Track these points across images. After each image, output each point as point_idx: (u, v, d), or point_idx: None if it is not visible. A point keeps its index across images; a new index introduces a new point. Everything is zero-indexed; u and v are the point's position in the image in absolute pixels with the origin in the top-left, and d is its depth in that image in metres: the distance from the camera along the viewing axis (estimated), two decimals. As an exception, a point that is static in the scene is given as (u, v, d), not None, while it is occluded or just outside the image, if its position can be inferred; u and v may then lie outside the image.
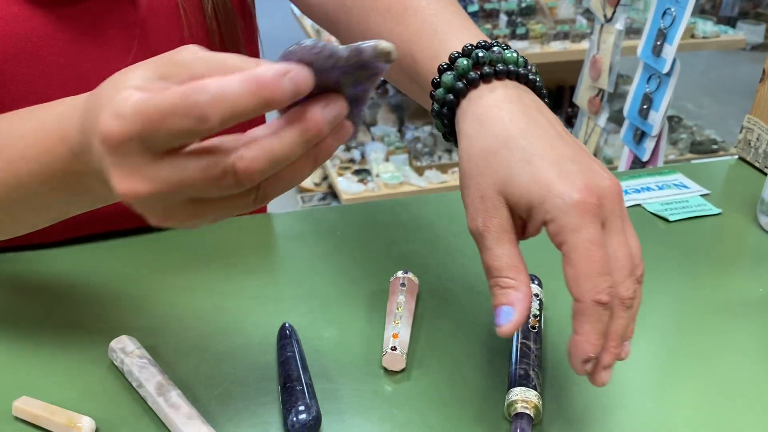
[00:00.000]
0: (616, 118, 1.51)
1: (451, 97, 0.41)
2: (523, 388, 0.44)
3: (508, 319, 0.36)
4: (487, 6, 2.20)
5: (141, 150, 0.30)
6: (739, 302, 0.56)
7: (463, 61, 0.40)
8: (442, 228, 0.66)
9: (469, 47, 0.40)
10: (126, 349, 0.47)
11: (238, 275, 0.58)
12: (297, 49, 0.31)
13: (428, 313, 0.54)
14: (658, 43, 0.87)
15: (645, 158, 0.92)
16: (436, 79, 0.41)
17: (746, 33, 2.99)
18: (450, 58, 0.41)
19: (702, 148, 2.46)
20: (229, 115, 0.29)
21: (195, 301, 0.54)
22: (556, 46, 2.19)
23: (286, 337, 0.49)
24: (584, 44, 2.15)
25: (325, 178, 2.75)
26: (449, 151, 2.40)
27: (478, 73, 0.40)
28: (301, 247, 0.62)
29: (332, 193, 2.70)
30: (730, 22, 3.64)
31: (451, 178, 2.31)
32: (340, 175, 2.33)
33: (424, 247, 0.62)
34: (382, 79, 0.34)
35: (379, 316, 0.53)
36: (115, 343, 0.47)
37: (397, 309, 0.51)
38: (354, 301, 0.55)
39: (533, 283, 0.54)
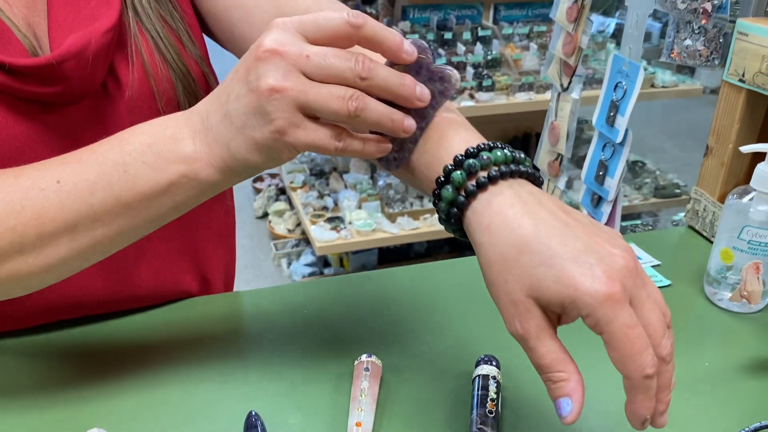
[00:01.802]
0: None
1: (455, 210, 0.43)
2: (479, 476, 0.46)
3: (569, 410, 0.40)
4: (454, 59, 2.26)
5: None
6: (686, 377, 0.59)
7: (457, 175, 0.43)
8: (406, 303, 0.68)
9: (461, 158, 0.43)
10: (95, 445, 0.48)
11: (206, 358, 0.60)
12: (414, 41, 0.45)
13: (392, 396, 0.56)
14: (611, 114, 0.92)
15: (603, 222, 0.96)
16: (437, 191, 0.44)
17: (705, 78, 3.11)
18: (445, 172, 0.44)
19: (666, 192, 2.54)
20: (333, 57, 0.42)
21: (164, 388, 0.56)
22: (522, 97, 2.26)
23: (252, 426, 0.51)
24: (548, 95, 2.22)
25: (298, 224, 2.76)
26: (420, 198, 2.44)
27: (474, 184, 0.43)
28: (268, 326, 0.64)
29: (305, 240, 2.71)
30: (690, 69, 3.78)
31: (423, 225, 2.34)
32: (314, 223, 2.35)
33: (389, 325, 0.64)
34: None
35: (344, 399, 0.55)
36: (84, 438, 0.48)
37: (361, 395, 0.53)
38: (319, 384, 0.57)
39: (491, 364, 0.56)
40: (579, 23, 0.94)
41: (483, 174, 0.43)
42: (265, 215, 2.95)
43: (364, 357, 0.57)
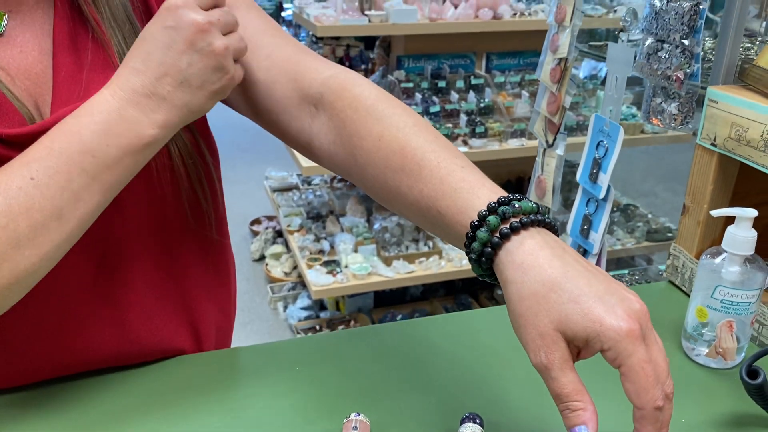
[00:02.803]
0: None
1: (489, 249, 0.48)
2: None
3: None
4: (448, 107, 2.32)
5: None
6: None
7: (493, 219, 0.48)
8: (394, 359, 0.70)
9: (494, 205, 0.49)
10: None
11: (199, 415, 0.62)
12: None
13: (378, 454, 0.58)
14: (594, 170, 0.96)
15: (588, 274, 0.99)
16: (470, 233, 0.49)
17: (695, 122, 3.17)
18: (479, 216, 0.49)
19: (658, 236, 2.57)
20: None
21: (160, 446, 0.58)
22: (514, 143, 2.31)
23: (244, 484, 0.53)
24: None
25: (295, 267, 2.79)
26: (416, 241, 2.47)
27: (508, 227, 0.48)
28: (260, 384, 0.67)
29: (302, 283, 2.73)
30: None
31: (419, 268, 2.37)
32: (310, 266, 2.37)
33: (377, 381, 0.67)
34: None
35: (333, 457, 0.57)
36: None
37: (349, 453, 0.55)
38: (310, 441, 0.59)
39: (475, 422, 0.58)
40: (562, 84, 0.98)
41: (515, 220, 0.48)
42: (262, 258, 2.97)
43: (353, 416, 0.59)
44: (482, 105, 2.37)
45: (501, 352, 0.72)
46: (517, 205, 0.49)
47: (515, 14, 2.35)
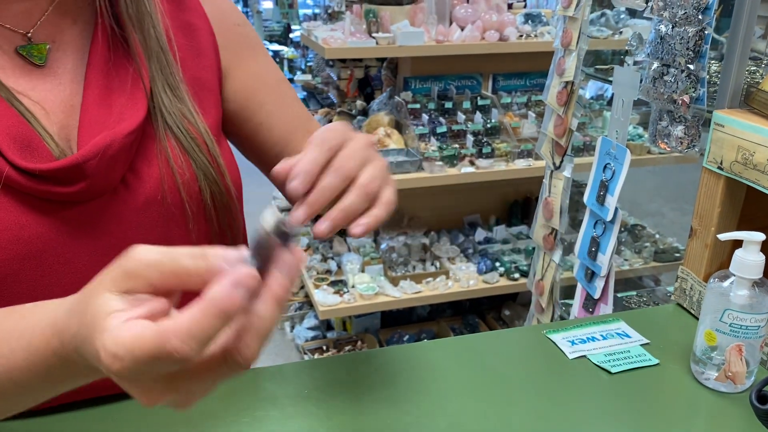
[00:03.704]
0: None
1: None
2: None
3: None
4: (455, 127, 2.33)
5: (144, 376, 0.36)
6: (673, 459, 0.61)
7: None
8: (402, 383, 0.71)
9: None
10: None
11: (212, 439, 0.62)
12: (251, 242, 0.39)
13: (387, 478, 0.58)
14: (601, 193, 0.96)
15: (596, 296, 0.99)
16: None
17: (701, 144, 3.18)
18: None
19: (666, 257, 2.56)
20: (204, 340, 0.35)
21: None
22: (521, 164, 2.31)
23: None
24: (547, 162, 2.28)
25: (302, 287, 2.79)
26: (423, 261, 2.47)
27: None
28: (271, 406, 0.67)
29: (309, 303, 2.73)
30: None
31: (426, 288, 2.36)
32: (317, 286, 2.37)
33: (385, 406, 0.67)
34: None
35: (342, 481, 0.57)
36: None
37: (358, 477, 0.56)
38: (319, 465, 0.59)
39: (483, 446, 0.58)
40: (569, 107, 0.99)
41: None
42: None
43: (362, 439, 0.59)
44: (489, 125, 2.38)
45: (508, 376, 0.73)
46: None
47: (521, 36, 2.37)
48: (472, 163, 2.29)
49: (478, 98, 2.47)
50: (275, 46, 6.49)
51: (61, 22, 0.61)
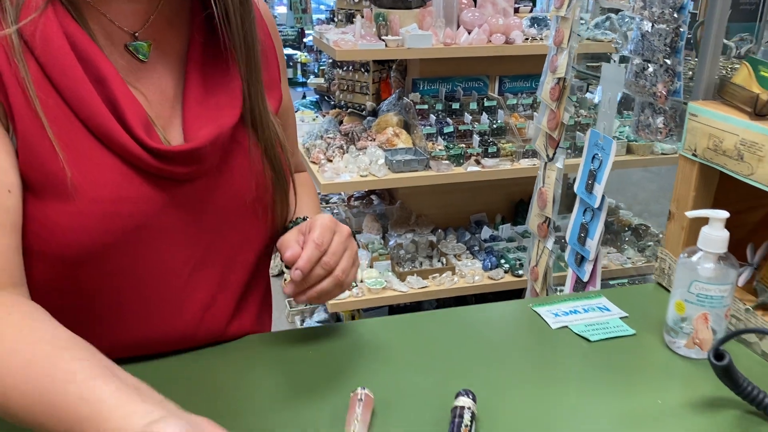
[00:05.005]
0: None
1: None
2: (451, 487, 0.55)
3: None
4: (462, 127, 2.40)
5: None
6: (641, 413, 0.67)
7: None
8: (399, 347, 0.78)
9: None
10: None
11: (233, 391, 0.69)
12: None
13: (381, 422, 0.65)
14: (590, 182, 1.02)
15: (585, 279, 1.05)
16: None
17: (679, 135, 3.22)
18: None
19: (667, 255, 2.61)
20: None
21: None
22: (525, 163, 2.38)
23: (262, 444, 0.60)
24: (551, 161, 2.34)
25: (313, 282, 2.86)
26: (430, 258, 2.54)
27: None
28: (280, 364, 0.74)
29: (319, 298, 2.81)
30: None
31: (432, 283, 2.43)
32: (326, 281, 2.45)
33: (382, 364, 0.74)
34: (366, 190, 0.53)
35: (340, 423, 0.64)
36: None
37: (355, 420, 0.63)
38: (320, 411, 0.66)
39: (468, 397, 0.65)
40: (561, 101, 1.05)
41: None
42: (281, 274, 3.06)
43: (359, 390, 0.66)
44: (495, 126, 2.44)
45: (495, 342, 0.79)
46: None
47: (527, 39, 2.44)
48: (477, 162, 2.36)
49: (485, 99, 2.54)
50: (289, 51, 6.59)
51: (160, 24, 0.69)
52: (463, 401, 0.64)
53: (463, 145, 2.38)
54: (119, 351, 0.72)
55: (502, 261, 2.50)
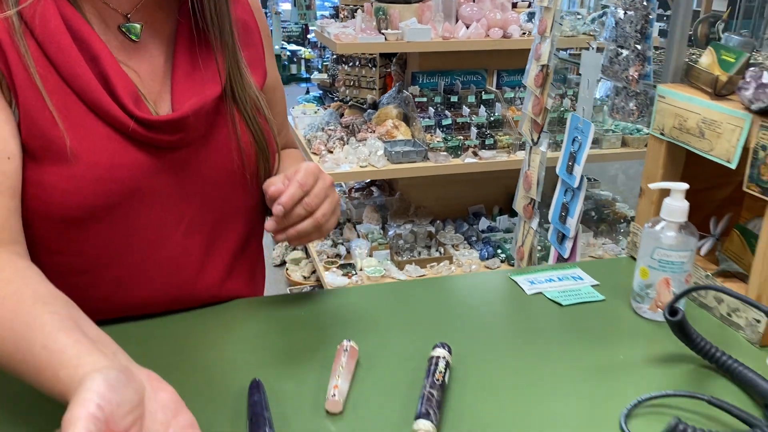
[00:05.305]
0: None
1: None
2: (424, 421, 0.61)
3: None
4: (460, 120, 2.46)
5: None
6: (604, 366, 0.74)
7: None
8: (384, 308, 0.84)
9: None
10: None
11: (227, 346, 0.76)
12: None
13: (365, 371, 0.71)
14: (570, 163, 1.08)
15: (566, 255, 1.11)
16: None
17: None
18: None
19: (661, 246, 2.66)
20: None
21: (186, 372, 0.72)
22: (522, 155, 2.44)
23: (255, 387, 0.67)
24: (546, 153, 2.40)
25: (314, 272, 2.93)
26: (428, 248, 2.60)
27: None
28: (273, 322, 0.80)
29: (319, 286, 2.87)
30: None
31: (429, 272, 2.49)
32: (327, 269, 2.51)
33: (367, 321, 0.80)
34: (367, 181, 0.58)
35: (328, 371, 0.70)
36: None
37: (340, 368, 0.69)
38: (310, 360, 0.73)
39: (444, 348, 0.71)
40: (545, 88, 1.11)
41: None
42: (283, 263, 3.12)
43: (345, 342, 0.72)
44: (492, 119, 2.50)
45: (473, 307, 0.86)
46: None
47: (524, 33, 2.49)
48: (475, 154, 2.42)
49: (483, 93, 2.60)
50: (293, 47, 6.66)
51: (151, 6, 0.76)
52: (439, 352, 0.71)
53: (461, 137, 2.44)
54: (118, 311, 0.79)
55: (499, 251, 2.56)
